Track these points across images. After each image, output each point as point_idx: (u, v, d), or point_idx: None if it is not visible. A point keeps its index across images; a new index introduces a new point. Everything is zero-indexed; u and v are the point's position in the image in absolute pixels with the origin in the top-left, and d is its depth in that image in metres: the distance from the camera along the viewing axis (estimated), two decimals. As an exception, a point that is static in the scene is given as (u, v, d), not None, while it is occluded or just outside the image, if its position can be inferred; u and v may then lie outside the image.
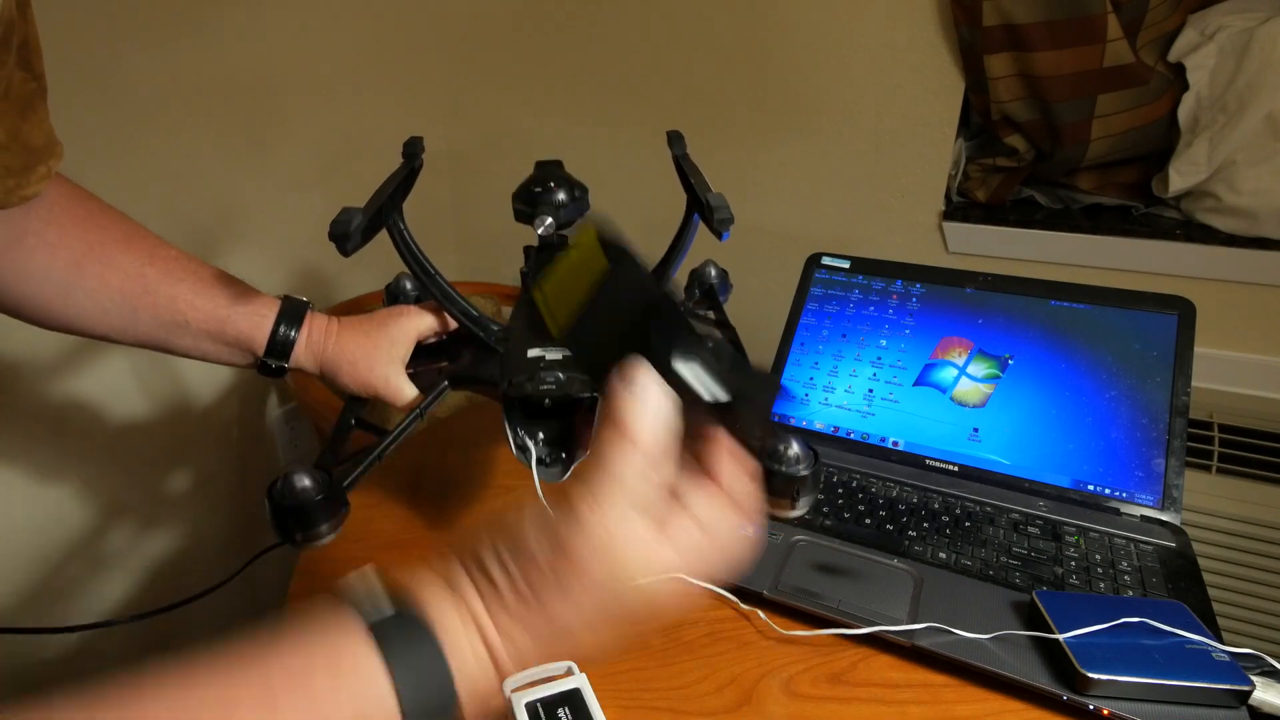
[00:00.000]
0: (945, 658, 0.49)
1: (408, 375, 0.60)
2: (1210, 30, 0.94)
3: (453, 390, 0.61)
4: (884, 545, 0.59)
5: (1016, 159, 1.07)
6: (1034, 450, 0.67)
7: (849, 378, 0.75)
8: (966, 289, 0.74)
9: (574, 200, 0.62)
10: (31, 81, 0.42)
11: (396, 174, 0.61)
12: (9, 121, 0.41)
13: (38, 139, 0.44)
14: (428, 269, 0.61)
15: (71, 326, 0.51)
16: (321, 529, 0.50)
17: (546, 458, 0.55)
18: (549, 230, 0.60)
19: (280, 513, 0.49)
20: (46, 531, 0.92)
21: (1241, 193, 0.95)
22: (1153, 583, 0.55)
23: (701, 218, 0.60)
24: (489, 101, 1.38)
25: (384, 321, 0.60)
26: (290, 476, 0.49)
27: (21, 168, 0.43)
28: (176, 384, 1.04)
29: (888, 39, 1.05)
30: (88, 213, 0.50)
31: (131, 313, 0.51)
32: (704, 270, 0.76)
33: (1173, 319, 0.66)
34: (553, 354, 0.56)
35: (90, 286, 0.49)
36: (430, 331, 0.63)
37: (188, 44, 0.96)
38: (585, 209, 0.63)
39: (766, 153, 1.19)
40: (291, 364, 0.57)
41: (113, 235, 0.51)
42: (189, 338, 0.53)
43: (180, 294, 0.52)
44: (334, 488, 0.51)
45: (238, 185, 1.07)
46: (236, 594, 1.16)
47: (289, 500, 0.49)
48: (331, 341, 0.58)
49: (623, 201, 1.30)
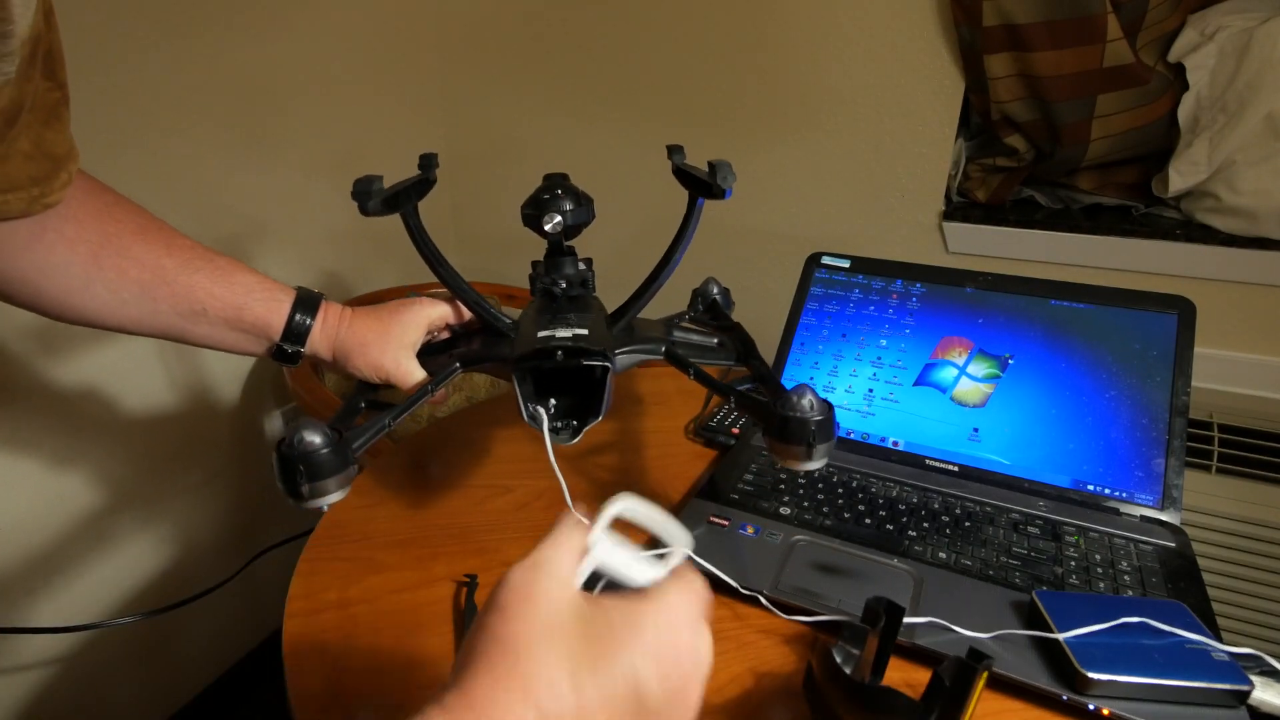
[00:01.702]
0: (945, 657, 0.49)
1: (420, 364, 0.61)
2: (1210, 30, 0.94)
3: (464, 371, 0.61)
4: (884, 545, 0.59)
5: (1016, 159, 1.07)
6: (1034, 450, 0.67)
7: (849, 377, 0.75)
8: (967, 289, 0.74)
9: (580, 206, 0.63)
10: (56, 90, 0.43)
11: (411, 179, 0.62)
12: (34, 131, 0.41)
13: (61, 147, 0.44)
14: (439, 257, 0.63)
15: (90, 319, 0.51)
16: (329, 483, 0.47)
17: (559, 424, 0.56)
18: (557, 228, 0.61)
19: (288, 464, 0.47)
20: (45, 534, 0.92)
21: (1241, 193, 0.95)
22: (1153, 583, 0.55)
23: (704, 193, 0.61)
24: (489, 102, 1.38)
25: (396, 309, 0.62)
26: (300, 430, 0.48)
27: (45, 176, 0.43)
28: (176, 385, 1.04)
29: (888, 39, 1.06)
30: (104, 206, 0.50)
31: (150, 303, 0.52)
32: (706, 288, 0.78)
33: (1173, 319, 0.66)
34: (563, 332, 0.56)
35: (109, 278, 0.50)
36: (442, 320, 0.64)
37: (194, 46, 0.96)
38: (591, 217, 0.65)
39: (766, 153, 1.19)
40: (307, 349, 0.58)
41: (129, 228, 0.51)
42: (206, 325, 0.54)
43: (198, 283, 0.53)
44: (343, 445, 0.49)
45: (239, 185, 1.07)
46: (236, 594, 1.17)
47: (298, 451, 0.47)
48: (345, 326, 0.59)
49: (623, 202, 1.30)
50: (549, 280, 0.66)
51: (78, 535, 0.95)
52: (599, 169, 1.31)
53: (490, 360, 0.61)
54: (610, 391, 0.55)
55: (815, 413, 0.49)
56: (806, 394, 0.50)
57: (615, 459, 0.76)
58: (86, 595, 0.97)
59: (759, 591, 0.54)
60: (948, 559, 0.57)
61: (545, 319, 0.59)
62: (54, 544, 0.93)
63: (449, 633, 0.54)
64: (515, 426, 0.80)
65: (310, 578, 0.59)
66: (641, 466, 0.75)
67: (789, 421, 0.49)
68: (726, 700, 0.48)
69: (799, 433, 0.49)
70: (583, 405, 0.56)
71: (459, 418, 0.85)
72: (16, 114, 0.39)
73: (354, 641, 0.53)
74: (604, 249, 1.37)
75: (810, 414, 0.49)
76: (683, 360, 0.61)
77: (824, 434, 0.49)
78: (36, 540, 0.91)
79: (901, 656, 0.50)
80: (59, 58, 0.42)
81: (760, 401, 0.54)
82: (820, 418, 0.49)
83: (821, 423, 0.49)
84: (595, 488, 0.71)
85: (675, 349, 0.63)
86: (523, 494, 0.70)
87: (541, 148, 1.36)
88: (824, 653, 0.40)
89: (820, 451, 0.49)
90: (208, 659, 1.18)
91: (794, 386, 0.51)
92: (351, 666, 0.51)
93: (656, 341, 0.63)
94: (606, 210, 1.35)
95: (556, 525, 0.31)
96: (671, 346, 0.63)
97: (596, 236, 1.40)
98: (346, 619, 0.55)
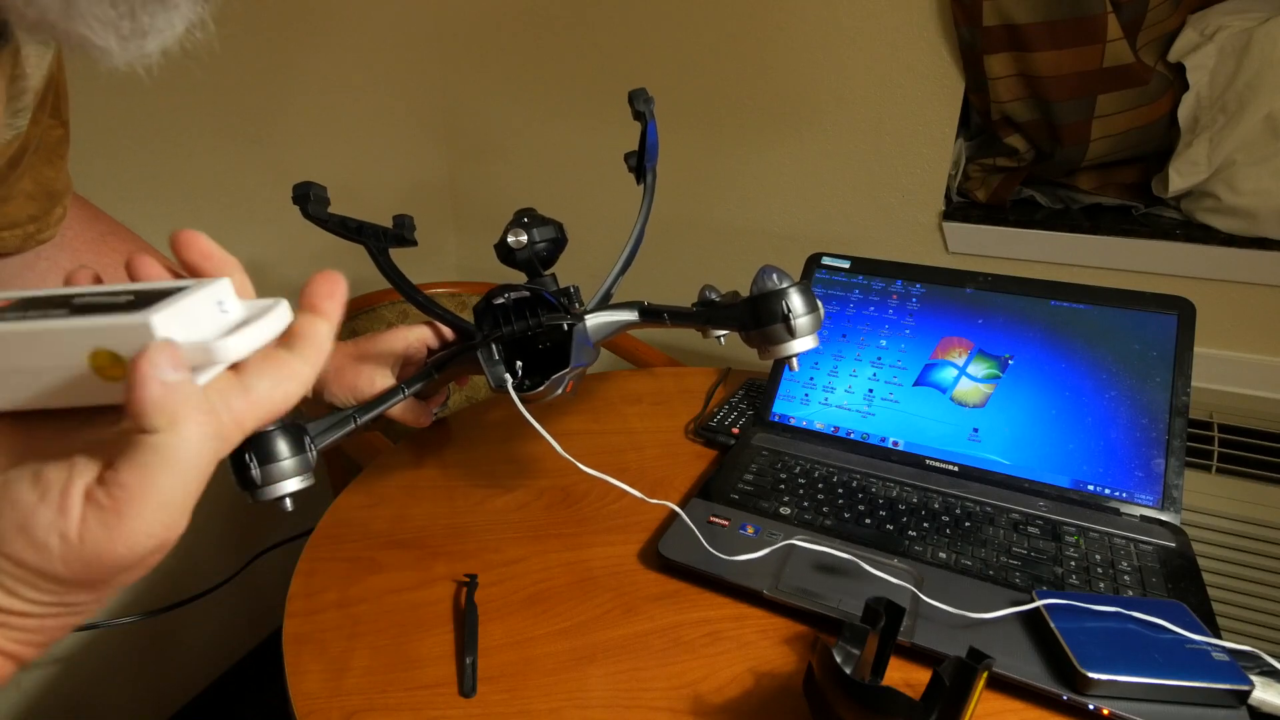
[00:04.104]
0: (945, 657, 0.49)
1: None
2: (1210, 30, 0.94)
3: (438, 372, 0.62)
4: (884, 545, 0.59)
5: (1016, 159, 1.07)
6: (1034, 450, 0.67)
7: (849, 378, 0.75)
8: (966, 289, 0.74)
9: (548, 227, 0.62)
10: (59, 128, 0.42)
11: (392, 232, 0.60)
12: (36, 170, 0.41)
13: (59, 183, 0.44)
14: (408, 283, 0.63)
15: None
16: (282, 467, 0.44)
17: (526, 382, 0.55)
18: (521, 243, 0.60)
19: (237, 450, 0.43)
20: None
21: (1241, 193, 0.95)
22: (1153, 583, 0.55)
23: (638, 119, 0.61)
24: (489, 102, 1.38)
25: (371, 335, 0.63)
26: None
27: (43, 213, 0.43)
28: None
29: (888, 39, 1.06)
30: (99, 235, 0.50)
31: None
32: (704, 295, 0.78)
33: (1172, 319, 0.66)
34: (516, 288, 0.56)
35: None
36: (421, 342, 0.65)
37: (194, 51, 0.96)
38: (562, 238, 0.64)
39: (767, 153, 1.19)
40: None
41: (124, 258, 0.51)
42: None
43: None
44: (297, 429, 0.46)
45: (236, 183, 1.07)
46: (236, 594, 1.17)
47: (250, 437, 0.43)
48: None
49: (624, 202, 1.30)
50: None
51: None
52: (599, 169, 1.31)
53: (461, 355, 0.60)
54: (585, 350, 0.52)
55: (785, 283, 0.45)
56: (772, 272, 0.46)
57: (615, 459, 0.76)
58: (86, 595, 0.97)
59: (759, 591, 0.54)
60: (948, 559, 0.57)
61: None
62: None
63: (449, 633, 0.54)
64: (516, 426, 0.80)
65: (310, 578, 0.59)
66: (641, 466, 0.75)
67: (758, 302, 0.45)
68: (726, 700, 0.48)
69: (772, 308, 0.44)
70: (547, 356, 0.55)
71: (459, 418, 0.85)
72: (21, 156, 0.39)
73: (354, 641, 0.53)
74: (605, 248, 1.37)
75: (780, 284, 0.45)
76: (656, 312, 0.58)
77: (802, 304, 0.44)
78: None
79: (901, 656, 0.50)
80: (63, 95, 0.42)
81: (731, 304, 0.50)
82: (789, 284, 0.45)
83: (795, 290, 0.44)
84: (595, 487, 0.71)
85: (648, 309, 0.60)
86: (523, 494, 0.70)
87: (542, 148, 1.36)
88: (824, 653, 0.40)
89: (803, 326, 0.45)
90: (208, 659, 1.18)
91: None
92: (351, 666, 0.51)
93: (629, 307, 0.61)
94: (607, 210, 1.35)
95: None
96: (645, 308, 0.61)
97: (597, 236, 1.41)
98: (346, 619, 0.55)
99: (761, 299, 0.45)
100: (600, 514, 0.67)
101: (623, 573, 0.59)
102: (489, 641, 0.53)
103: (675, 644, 0.52)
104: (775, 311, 0.44)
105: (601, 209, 1.35)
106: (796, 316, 0.45)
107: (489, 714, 0.47)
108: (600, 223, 1.35)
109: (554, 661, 0.51)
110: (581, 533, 0.64)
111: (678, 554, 0.58)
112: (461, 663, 0.50)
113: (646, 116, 0.60)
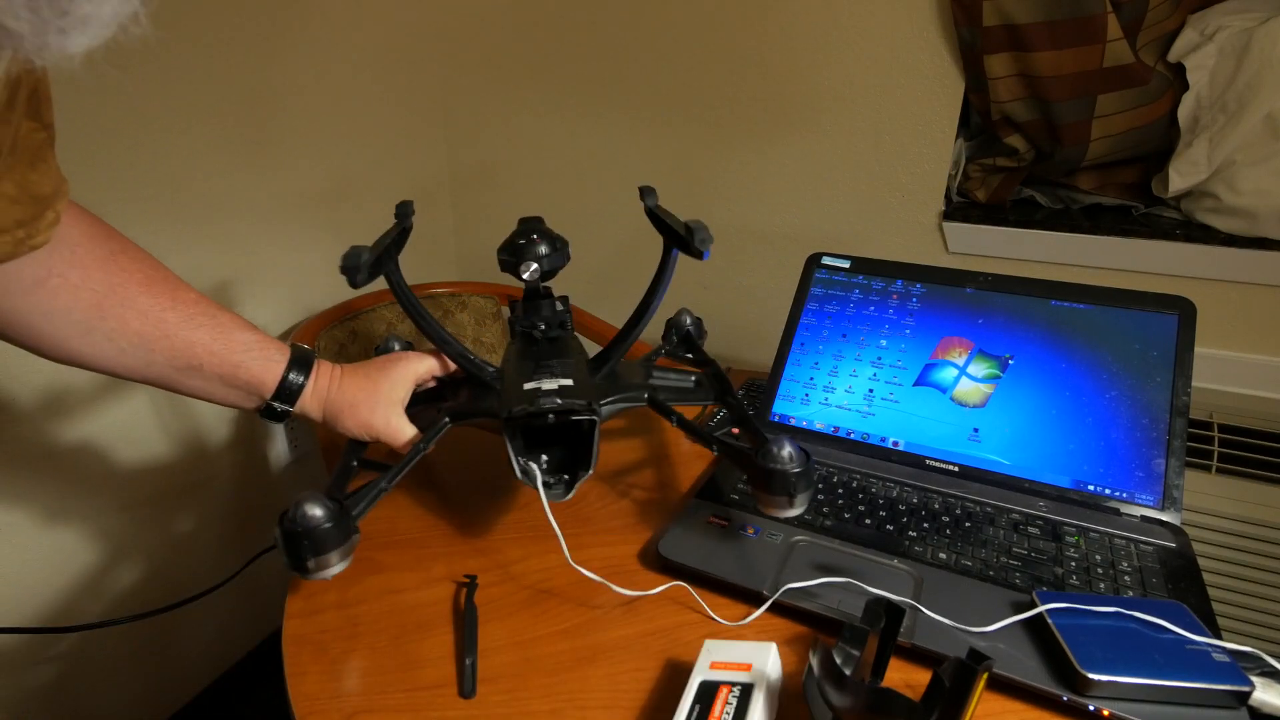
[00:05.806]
0: (945, 657, 0.49)
1: (408, 417, 0.62)
2: (1210, 30, 0.94)
3: (454, 426, 0.63)
4: (884, 545, 0.59)
5: (1016, 159, 1.07)
6: (1034, 450, 0.67)
7: (849, 378, 0.75)
8: (967, 289, 0.74)
9: (556, 251, 0.66)
10: (41, 131, 0.42)
11: (390, 232, 0.63)
12: (18, 174, 0.41)
13: (46, 187, 0.43)
14: (423, 312, 0.64)
15: (86, 363, 0.51)
16: (332, 555, 0.50)
17: (551, 479, 0.58)
18: (534, 275, 0.64)
19: (292, 539, 0.49)
20: (45, 532, 0.92)
21: (1241, 193, 0.95)
22: (1153, 583, 0.55)
23: (680, 248, 0.63)
24: (490, 104, 1.38)
25: (384, 365, 0.62)
26: (301, 505, 0.50)
27: (30, 218, 0.43)
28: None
29: (888, 39, 1.05)
30: (110, 253, 0.50)
31: (146, 354, 0.52)
32: (679, 319, 0.80)
33: (1173, 319, 0.66)
34: (548, 384, 0.58)
35: (110, 328, 0.50)
36: (429, 374, 0.65)
37: (197, 52, 0.96)
38: (566, 259, 0.67)
39: (766, 153, 1.19)
40: (296, 409, 0.59)
41: (135, 278, 0.51)
42: (200, 380, 0.55)
43: (199, 339, 0.53)
44: (344, 515, 0.51)
45: (241, 191, 1.07)
46: (236, 594, 1.17)
47: (300, 526, 0.49)
48: (335, 387, 0.60)
49: (624, 203, 1.30)
50: (528, 323, 0.68)
51: (78, 534, 0.95)
52: (600, 170, 1.31)
53: (480, 414, 0.63)
54: (598, 441, 0.57)
55: (795, 464, 0.52)
56: (785, 445, 0.53)
57: (615, 459, 0.76)
58: (86, 595, 0.97)
59: (759, 591, 0.54)
60: (948, 559, 0.57)
61: (528, 367, 0.61)
62: (54, 543, 0.93)
63: (449, 633, 0.54)
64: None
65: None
66: (641, 466, 0.75)
67: (772, 474, 0.52)
68: (726, 700, 0.48)
69: (781, 485, 0.52)
70: (572, 455, 0.59)
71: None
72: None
73: (354, 641, 0.53)
74: (606, 248, 1.37)
75: (791, 466, 0.52)
76: (665, 407, 0.64)
77: (804, 484, 0.52)
78: (37, 539, 0.91)
79: (901, 657, 0.50)
80: (45, 98, 0.42)
81: (743, 451, 0.56)
82: (800, 469, 0.52)
83: (801, 474, 0.52)
84: (594, 487, 0.71)
85: (657, 395, 0.65)
86: (523, 494, 0.70)
87: (542, 147, 1.36)
88: (824, 653, 0.40)
89: (800, 500, 0.53)
90: (208, 659, 1.18)
91: (773, 436, 0.54)
92: (351, 667, 0.51)
93: (639, 389, 0.65)
94: (607, 210, 1.35)
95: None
96: (654, 393, 0.65)
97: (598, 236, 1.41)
98: (346, 619, 0.55)
99: (778, 475, 0.52)
100: (600, 514, 0.67)
101: (623, 573, 0.59)
102: (489, 642, 0.53)
103: (675, 644, 0.52)
104: (784, 489, 0.52)
105: (601, 208, 1.35)
106: (798, 493, 0.52)
107: (489, 714, 0.47)
108: (599, 223, 1.35)
109: (554, 662, 0.51)
110: (581, 533, 0.64)
111: (678, 554, 0.58)
112: (461, 663, 0.50)
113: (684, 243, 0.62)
